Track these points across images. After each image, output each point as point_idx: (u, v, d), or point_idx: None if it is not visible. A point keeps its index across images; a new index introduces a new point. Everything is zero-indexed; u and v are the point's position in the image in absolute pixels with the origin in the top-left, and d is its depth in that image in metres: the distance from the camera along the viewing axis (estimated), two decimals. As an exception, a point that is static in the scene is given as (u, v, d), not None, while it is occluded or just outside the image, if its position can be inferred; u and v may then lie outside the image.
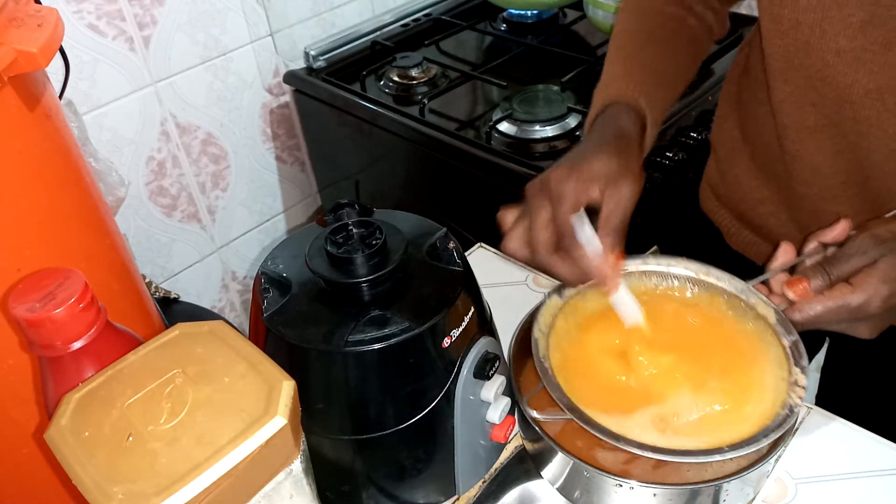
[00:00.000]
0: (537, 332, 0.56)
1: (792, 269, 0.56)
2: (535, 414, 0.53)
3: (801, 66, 0.62)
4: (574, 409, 0.50)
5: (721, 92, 0.81)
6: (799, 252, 0.57)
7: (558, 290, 0.60)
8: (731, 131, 0.78)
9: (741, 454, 0.48)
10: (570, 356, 0.57)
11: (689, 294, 0.61)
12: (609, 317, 0.58)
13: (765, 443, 0.49)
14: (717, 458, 0.48)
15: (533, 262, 0.55)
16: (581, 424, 0.49)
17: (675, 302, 0.61)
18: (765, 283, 0.58)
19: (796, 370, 0.53)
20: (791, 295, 0.53)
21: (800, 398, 0.51)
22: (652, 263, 0.62)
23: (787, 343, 0.54)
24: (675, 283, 0.61)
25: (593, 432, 0.49)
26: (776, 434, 0.49)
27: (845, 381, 0.87)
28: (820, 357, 0.93)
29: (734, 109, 0.77)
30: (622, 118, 0.61)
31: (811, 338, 0.91)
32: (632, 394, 0.54)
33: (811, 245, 0.56)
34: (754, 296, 0.58)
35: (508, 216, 0.57)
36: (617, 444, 0.48)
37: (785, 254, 0.57)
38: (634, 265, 0.61)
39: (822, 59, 0.59)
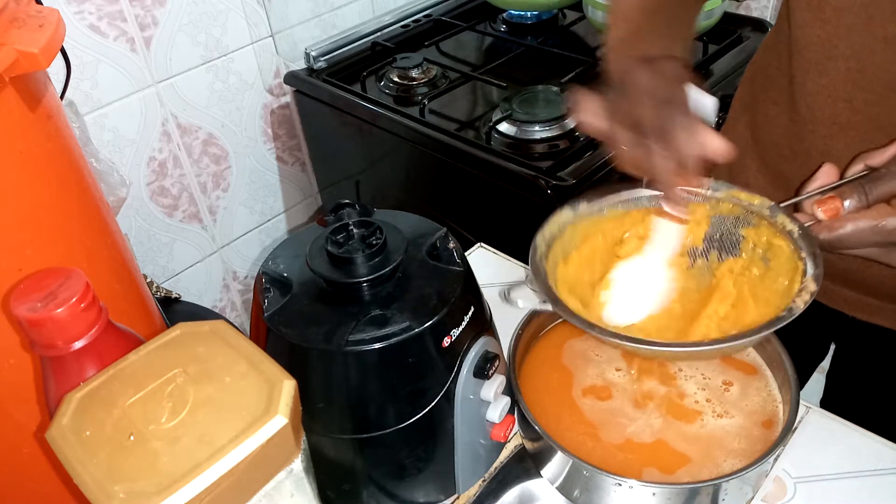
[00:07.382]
0: (539, 238, 0.53)
1: None
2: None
3: (842, 57, 0.58)
4: (557, 300, 0.48)
5: (735, 94, 0.79)
6: (842, 176, 0.51)
7: (573, 205, 0.55)
8: (742, 133, 0.77)
9: (726, 347, 0.46)
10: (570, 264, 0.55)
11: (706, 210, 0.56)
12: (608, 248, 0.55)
13: (753, 339, 0.45)
14: (696, 349, 0.47)
15: (618, 134, 0.47)
16: (562, 313, 0.48)
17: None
18: (797, 206, 0.52)
19: (808, 279, 0.48)
20: (820, 213, 0.48)
21: (804, 302, 0.46)
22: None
23: (805, 255, 0.49)
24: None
25: (573, 321, 0.48)
26: (766, 331, 0.46)
27: (851, 387, 0.87)
28: (825, 362, 0.93)
29: (747, 111, 0.76)
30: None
31: (816, 343, 0.91)
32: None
33: (856, 167, 0.50)
34: (780, 213, 0.52)
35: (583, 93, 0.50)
36: (600, 336, 0.47)
37: (825, 176, 0.50)
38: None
39: (867, 47, 0.56)
